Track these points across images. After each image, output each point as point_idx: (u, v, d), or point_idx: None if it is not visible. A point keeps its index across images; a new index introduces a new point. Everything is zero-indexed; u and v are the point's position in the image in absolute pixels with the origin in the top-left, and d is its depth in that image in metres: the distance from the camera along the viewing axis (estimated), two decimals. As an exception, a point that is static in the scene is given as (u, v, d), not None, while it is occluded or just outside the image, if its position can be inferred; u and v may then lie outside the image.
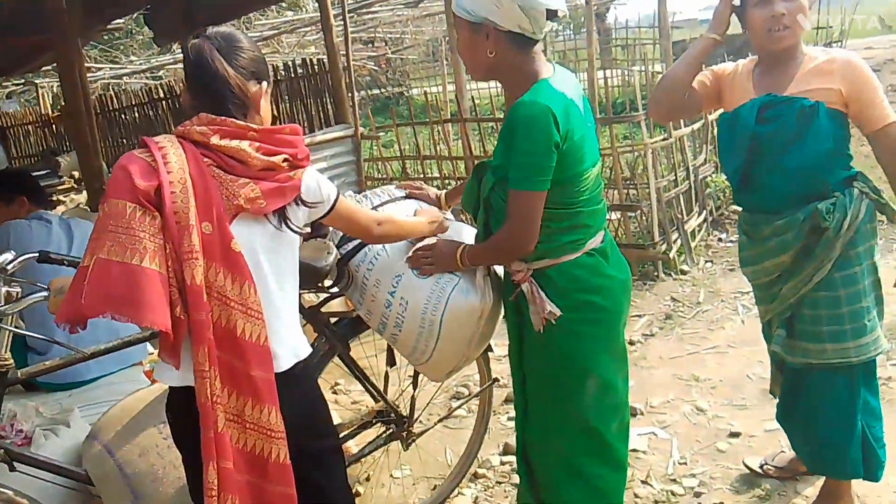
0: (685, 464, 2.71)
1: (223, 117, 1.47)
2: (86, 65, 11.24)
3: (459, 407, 3.02)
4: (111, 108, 9.36)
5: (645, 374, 3.45)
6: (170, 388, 1.55)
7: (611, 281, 1.92)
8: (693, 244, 5.04)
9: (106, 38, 12.78)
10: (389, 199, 2.26)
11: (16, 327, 1.91)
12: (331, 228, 2.33)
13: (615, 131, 5.04)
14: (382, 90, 15.34)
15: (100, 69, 11.98)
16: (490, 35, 1.75)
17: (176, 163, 1.42)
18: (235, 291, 1.43)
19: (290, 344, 1.58)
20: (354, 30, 11.69)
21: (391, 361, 2.44)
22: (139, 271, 1.34)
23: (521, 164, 1.74)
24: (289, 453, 1.50)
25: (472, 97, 7.16)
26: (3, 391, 1.81)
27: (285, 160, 1.51)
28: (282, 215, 1.54)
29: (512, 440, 2.92)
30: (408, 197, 2.28)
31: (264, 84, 1.57)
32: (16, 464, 1.81)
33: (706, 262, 4.94)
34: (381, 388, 2.43)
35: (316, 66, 6.45)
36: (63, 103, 7.62)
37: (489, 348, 2.42)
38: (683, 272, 4.73)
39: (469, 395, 3.36)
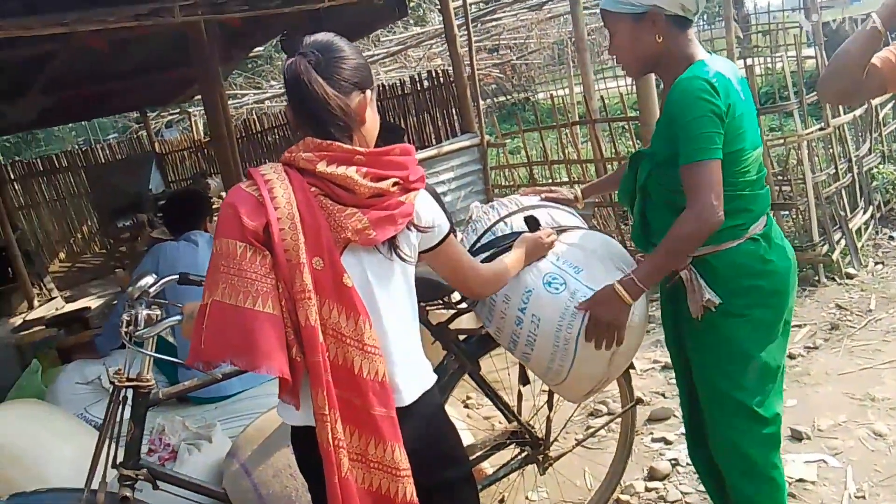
0: (863, 497, 2.37)
1: (329, 141, 1.39)
2: (232, 91, 12.08)
3: (600, 429, 2.82)
4: (255, 130, 9.92)
5: (810, 392, 3.08)
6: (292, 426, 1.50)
7: (774, 266, 1.85)
8: (859, 244, 4.50)
9: (249, 65, 13.65)
10: (518, 208, 2.13)
11: (157, 350, 1.96)
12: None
13: (762, 123, 4.62)
14: (508, 97, 15.27)
15: (245, 95, 12.80)
16: (657, 21, 1.77)
17: (283, 196, 1.36)
18: (350, 328, 1.36)
19: (412, 375, 1.50)
20: (479, 38, 11.71)
21: (524, 380, 2.30)
22: (252, 316, 1.30)
23: (690, 136, 1.70)
24: (418, 486, 1.42)
25: (602, 97, 6.92)
26: (145, 411, 1.87)
27: (395, 184, 1.41)
28: (391, 243, 1.44)
29: (658, 464, 2.72)
30: (541, 204, 2.14)
31: (368, 93, 1.47)
32: (158, 482, 1.86)
33: (876, 263, 4.40)
34: (515, 407, 2.31)
35: (441, 78, 6.48)
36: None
37: (631, 366, 2.23)
38: (849, 276, 4.23)
39: (609, 412, 3.17)
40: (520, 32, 13.35)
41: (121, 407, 1.85)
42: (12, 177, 9.34)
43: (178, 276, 2.15)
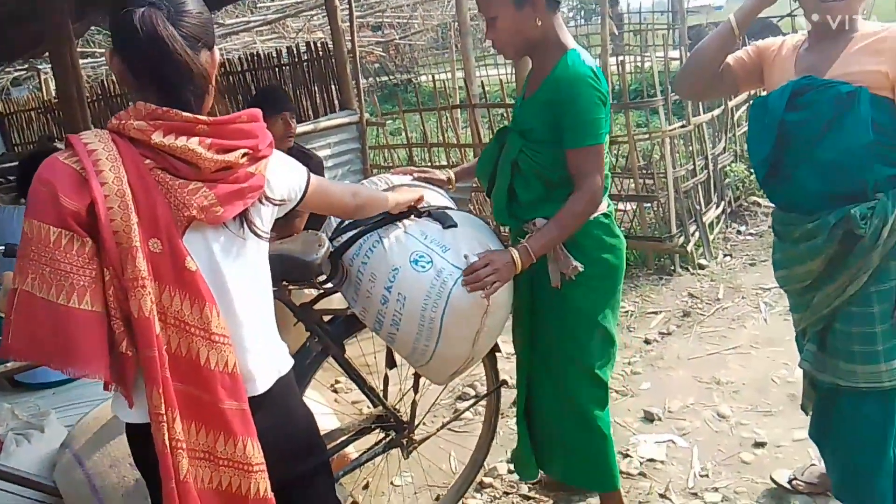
0: (707, 476, 2.52)
1: (167, 108, 1.22)
2: (90, 49, 11.10)
3: (464, 412, 2.83)
4: (113, 93, 9.18)
5: (663, 376, 3.25)
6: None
7: (618, 242, 2.07)
8: (711, 237, 4.82)
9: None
10: (387, 187, 2.09)
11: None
12: (326, 219, 2.16)
13: (631, 119, 4.82)
14: (391, 77, 15.12)
15: (104, 53, 11.81)
16: (537, 4, 1.86)
17: (111, 170, 1.17)
18: (195, 316, 1.22)
19: (267, 361, 1.39)
20: (361, 14, 11.48)
21: (391, 363, 2.27)
22: (66, 313, 1.13)
23: (581, 121, 1.85)
24: (274, 479, 1.32)
25: (482, 83, 6.96)
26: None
27: (244, 155, 1.28)
28: (244, 219, 1.32)
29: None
30: (412, 183, 2.14)
31: (216, 51, 1.33)
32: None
33: (725, 255, 4.72)
34: (381, 391, 2.25)
35: (321, 51, 6.25)
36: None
37: (496, 347, 2.25)
38: (701, 266, 4.52)
39: (476, 395, 3.19)
40: (403, 11, 13.23)
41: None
42: None
43: (4, 248, 1.93)
